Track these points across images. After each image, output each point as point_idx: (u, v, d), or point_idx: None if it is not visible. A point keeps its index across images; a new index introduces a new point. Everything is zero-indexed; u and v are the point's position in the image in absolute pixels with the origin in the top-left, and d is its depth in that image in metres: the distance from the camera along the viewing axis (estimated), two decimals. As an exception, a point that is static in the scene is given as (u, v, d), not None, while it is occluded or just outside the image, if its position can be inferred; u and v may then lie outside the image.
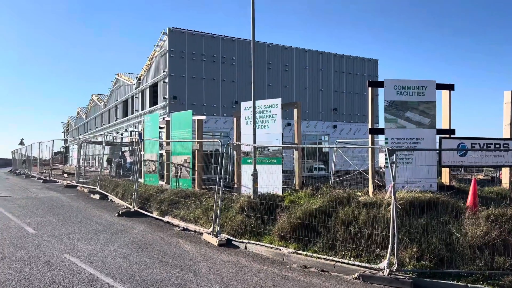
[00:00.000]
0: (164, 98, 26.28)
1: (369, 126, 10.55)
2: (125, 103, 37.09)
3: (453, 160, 10.36)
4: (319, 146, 30.93)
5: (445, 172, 11.11)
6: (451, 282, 6.69)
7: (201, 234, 10.03)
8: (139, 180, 15.62)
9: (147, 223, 11.47)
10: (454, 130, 10.72)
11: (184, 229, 10.62)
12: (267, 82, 29.41)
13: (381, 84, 10.51)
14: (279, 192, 11.36)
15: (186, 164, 14.17)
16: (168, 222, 11.46)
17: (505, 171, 12.00)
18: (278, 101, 12.00)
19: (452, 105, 10.97)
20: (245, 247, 8.95)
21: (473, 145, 10.37)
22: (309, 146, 24.48)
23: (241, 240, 9.13)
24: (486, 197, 10.03)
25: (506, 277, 6.63)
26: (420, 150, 9.73)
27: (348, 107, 33.51)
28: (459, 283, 6.64)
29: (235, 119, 13.23)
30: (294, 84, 30.92)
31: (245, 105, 12.66)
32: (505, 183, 11.78)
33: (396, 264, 6.95)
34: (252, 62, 10.91)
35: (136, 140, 19.00)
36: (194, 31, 26.96)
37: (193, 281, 6.54)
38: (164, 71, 26.34)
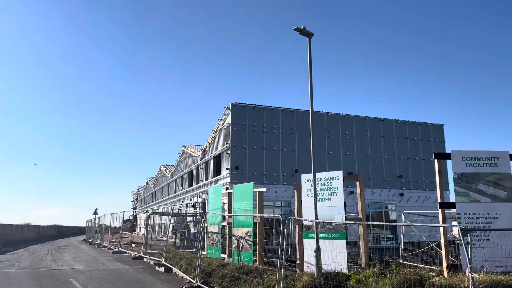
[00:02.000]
0: (227, 168, 27.11)
1: (439, 200, 10.01)
2: (190, 173, 38.72)
3: (540, 236, 9.36)
4: (386, 223, 29.46)
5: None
6: None
7: (264, 314, 9.70)
8: (202, 252, 15.79)
9: (209, 300, 11.34)
10: (536, 203, 9.82)
11: (246, 308, 10.36)
12: (327, 150, 29.40)
13: (448, 156, 10.12)
14: (345, 270, 10.86)
15: (247, 237, 14.15)
16: (230, 299, 11.26)
17: None
18: (339, 174, 11.91)
19: (531, 176, 10.15)
20: (310, 332, 8.47)
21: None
22: (374, 223, 23.45)
23: (304, 323, 8.68)
24: None
25: None
26: (498, 230, 8.95)
27: (415, 174, 32.12)
28: None
29: (295, 191, 13.24)
30: (355, 152, 30.56)
31: (306, 177, 12.69)
32: None
33: None
34: (311, 134, 11.06)
35: (200, 211, 19.49)
36: (255, 105, 28.27)
37: None
38: (227, 143, 27.47)
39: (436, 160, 10.14)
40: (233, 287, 11.68)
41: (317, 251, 10.25)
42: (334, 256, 10.76)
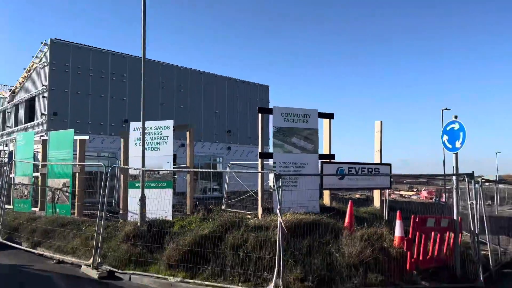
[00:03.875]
0: (43, 114, 23.84)
1: (259, 150, 10.88)
2: (-5, 117, 32.74)
3: (333, 183, 11.20)
4: (212, 170, 30.95)
5: (327, 194, 11.95)
6: (330, 300, 7.07)
7: (80, 266, 9.10)
8: (7, 206, 13.74)
9: (15, 256, 10.06)
10: (333, 155, 11.64)
11: (60, 262, 9.53)
12: (160, 102, 28.72)
13: (270, 111, 10.98)
14: (170, 218, 10.96)
15: (65, 189, 12.88)
16: (41, 255, 10.18)
17: (376, 193, 13.40)
18: (170, 123, 11.72)
19: (333, 132, 11.94)
20: (129, 279, 8.34)
21: (350, 169, 11.36)
22: (200, 170, 24.33)
23: (125, 272, 8.49)
24: (361, 217, 11.01)
25: (377, 292, 7.26)
26: (304, 175, 10.32)
27: (242, 130, 34.40)
28: (337, 301, 7.05)
29: (122, 140, 12.53)
30: (189, 105, 30.75)
31: (134, 126, 12.08)
32: (377, 203, 13.13)
33: (282, 287, 7.13)
34: (142, 79, 10.47)
35: (6, 161, 16.78)
36: (81, 44, 25.25)
37: (65, 324, 5.82)
38: (43, 85, 23.99)
39: (260, 114, 10.91)
40: (45, 241, 10.58)
41: (142, 200, 10.02)
42: (160, 204, 10.70)
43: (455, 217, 8.65)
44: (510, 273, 9.98)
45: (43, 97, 24.04)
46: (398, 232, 8.67)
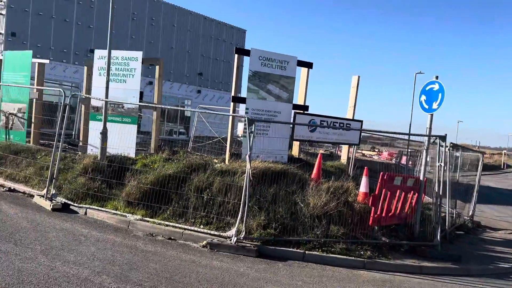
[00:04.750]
0: (0, 33, 21.85)
1: (232, 94, 10.39)
2: None
3: (304, 134, 10.98)
4: (180, 108, 30.11)
5: (296, 145, 11.79)
6: (291, 249, 7.07)
7: (32, 196, 8.61)
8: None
9: (-40, 181, 9.39)
10: (308, 106, 11.33)
11: (11, 190, 8.98)
12: (130, 35, 27.04)
13: (247, 53, 10.35)
14: (132, 155, 10.50)
15: (20, 114, 12.00)
16: (-11, 181, 9.56)
17: (344, 148, 13.40)
18: (138, 54, 10.90)
19: (309, 83, 11.55)
20: (85, 213, 7.98)
21: (322, 122, 11.14)
22: (169, 107, 23.51)
23: (80, 205, 8.11)
24: (327, 171, 10.99)
25: (338, 244, 7.30)
26: (278, 123, 10.02)
27: (214, 74, 33.34)
28: (298, 250, 7.05)
29: (86, 68, 11.61)
30: (160, 41, 29.19)
31: (100, 54, 11.16)
32: (344, 159, 13.17)
33: (244, 232, 7.01)
34: (111, 5, 9.52)
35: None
36: (45, -42, 22.84)
37: (11, 253, 5.43)
38: (1, 1, 21.78)
39: (236, 55, 10.28)
40: (-5, 168, 9.91)
41: (104, 133, 9.44)
42: (123, 140, 10.14)
43: (421, 178, 8.72)
44: (462, 235, 10.44)
45: (1, 14, 21.91)
46: (363, 187, 8.69)
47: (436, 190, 8.66)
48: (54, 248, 5.87)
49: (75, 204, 8.15)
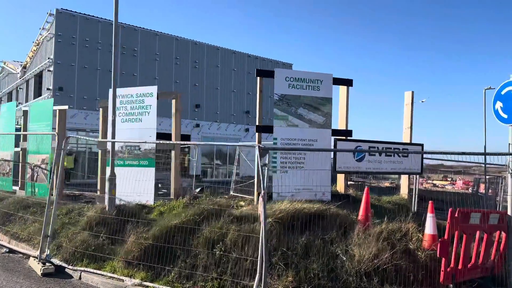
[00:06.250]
0: (48, 89, 22.63)
1: (257, 123, 8.88)
2: (9, 95, 32.12)
3: (349, 165, 9.05)
4: (182, 143, 28.95)
5: (340, 178, 9.82)
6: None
7: (29, 258, 7.50)
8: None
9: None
10: (351, 131, 9.47)
11: (11, 251, 7.99)
12: (174, 79, 27.06)
13: (271, 74, 8.90)
14: (151, 202, 9.24)
15: (43, 165, 11.38)
16: (-3, 242, 8.68)
17: (404, 179, 11.12)
18: (153, 89, 9.91)
19: (350, 104, 9.73)
20: (80, 277, 6.63)
21: (371, 148, 9.20)
22: (184, 143, 22.41)
23: (75, 268, 6.79)
24: (384, 208, 8.89)
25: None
26: (305, 150, 8.24)
27: (262, 111, 32.37)
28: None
29: (101, 110, 10.81)
30: (205, 83, 28.94)
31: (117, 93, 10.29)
32: (404, 192, 10.87)
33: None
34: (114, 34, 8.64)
35: None
36: (88, 15, 23.75)
37: None
38: (49, 58, 22.73)
39: (258, 78, 8.85)
40: (2, 227, 9.07)
41: (111, 179, 8.27)
42: (140, 185, 8.96)
43: (509, 213, 6.39)
44: None
45: (49, 71, 22.80)
46: (429, 229, 6.52)
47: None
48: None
49: (69, 267, 6.86)
